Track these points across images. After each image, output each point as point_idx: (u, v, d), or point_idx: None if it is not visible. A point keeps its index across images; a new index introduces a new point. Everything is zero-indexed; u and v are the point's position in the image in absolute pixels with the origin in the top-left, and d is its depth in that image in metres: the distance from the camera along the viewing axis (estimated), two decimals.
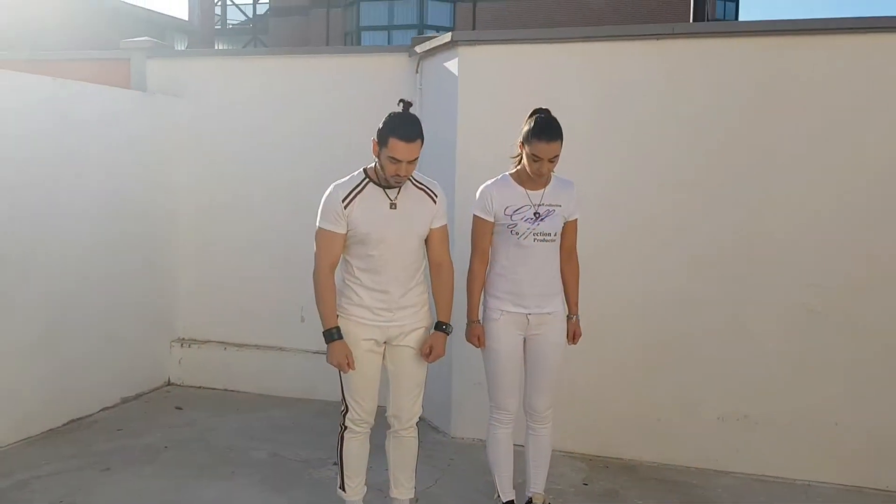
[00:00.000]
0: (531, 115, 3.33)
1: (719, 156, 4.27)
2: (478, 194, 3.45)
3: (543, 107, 3.35)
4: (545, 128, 3.23)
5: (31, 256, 4.60)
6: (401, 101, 3.10)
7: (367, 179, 3.18)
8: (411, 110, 3.12)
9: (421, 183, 3.26)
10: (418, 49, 5.02)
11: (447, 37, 4.66)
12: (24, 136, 4.52)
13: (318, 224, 3.19)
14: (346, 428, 3.35)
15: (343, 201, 3.12)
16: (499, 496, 3.59)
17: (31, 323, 4.62)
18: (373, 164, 3.18)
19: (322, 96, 5.45)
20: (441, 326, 3.31)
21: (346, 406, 3.33)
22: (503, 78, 4.53)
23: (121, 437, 4.71)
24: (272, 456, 4.46)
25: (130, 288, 5.43)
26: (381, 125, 3.06)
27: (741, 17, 26.17)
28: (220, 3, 21.48)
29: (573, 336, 3.57)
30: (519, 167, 3.42)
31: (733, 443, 4.37)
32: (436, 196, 3.26)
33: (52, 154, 4.73)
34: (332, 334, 3.17)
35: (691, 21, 14.51)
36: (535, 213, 3.36)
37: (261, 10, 21.60)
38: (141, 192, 5.48)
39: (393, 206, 3.16)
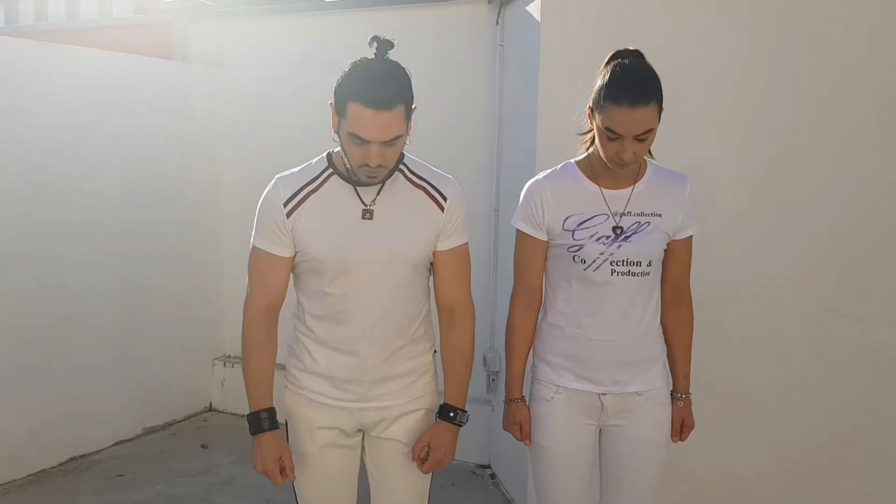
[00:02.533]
0: (607, 63, 1.96)
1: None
2: (522, 194, 2.13)
3: (632, 48, 1.97)
4: (627, 83, 1.85)
5: (23, 253, 3.79)
6: (373, 38, 1.81)
7: (331, 170, 1.95)
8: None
9: (420, 175, 1.97)
10: None
11: None
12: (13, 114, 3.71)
13: (251, 240, 2.00)
14: None
15: (285, 205, 1.91)
16: None
17: (23, 339, 3.80)
18: (339, 148, 1.95)
19: None
20: (448, 413, 2.02)
21: None
22: (604, 24, 3.10)
23: (115, 487, 3.79)
24: None
25: (164, 290, 4.55)
26: (338, 80, 1.81)
27: None
28: None
29: (680, 428, 2.19)
30: (591, 150, 2.07)
31: None
32: (444, 197, 1.95)
33: (65, 138, 3.94)
34: (261, 421, 1.98)
35: None
36: (614, 228, 2.01)
37: None
38: (177, 177, 4.59)
39: (367, 213, 1.90)
